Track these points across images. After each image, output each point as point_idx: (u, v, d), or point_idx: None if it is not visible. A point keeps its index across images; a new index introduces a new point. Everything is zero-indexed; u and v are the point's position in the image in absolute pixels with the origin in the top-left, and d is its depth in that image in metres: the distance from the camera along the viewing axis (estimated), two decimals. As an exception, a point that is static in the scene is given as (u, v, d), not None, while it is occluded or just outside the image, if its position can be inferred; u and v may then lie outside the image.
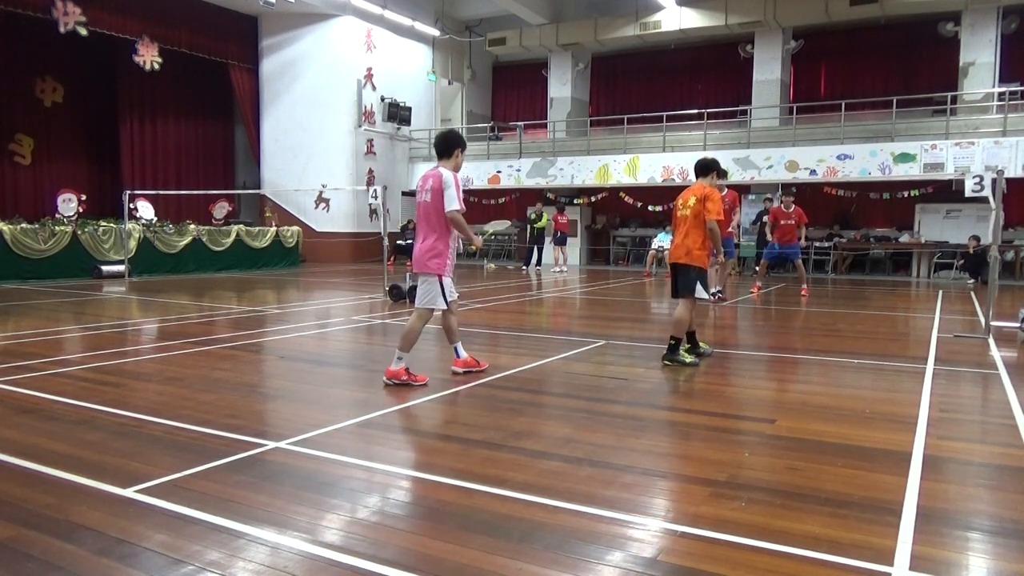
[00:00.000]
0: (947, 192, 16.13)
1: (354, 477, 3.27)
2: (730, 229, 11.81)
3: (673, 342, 5.89)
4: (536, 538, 2.59)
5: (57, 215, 14.76)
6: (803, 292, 11.89)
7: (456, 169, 5.19)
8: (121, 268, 14.00)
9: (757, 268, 16.75)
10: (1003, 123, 15.22)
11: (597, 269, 19.29)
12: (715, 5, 18.41)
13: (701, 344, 6.30)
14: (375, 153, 20.49)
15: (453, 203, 4.98)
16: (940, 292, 13.08)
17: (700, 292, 5.91)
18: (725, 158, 17.53)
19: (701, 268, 5.91)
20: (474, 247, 5.95)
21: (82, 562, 2.40)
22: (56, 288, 11.92)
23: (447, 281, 5.14)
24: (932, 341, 7.21)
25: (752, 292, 12.07)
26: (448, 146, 5.23)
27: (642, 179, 18.58)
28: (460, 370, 5.40)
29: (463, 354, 5.46)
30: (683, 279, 5.95)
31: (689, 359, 5.86)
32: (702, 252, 5.90)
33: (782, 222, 11.85)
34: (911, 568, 2.38)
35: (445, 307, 5.16)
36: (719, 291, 11.34)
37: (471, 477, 3.20)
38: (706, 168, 6.14)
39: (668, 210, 18.60)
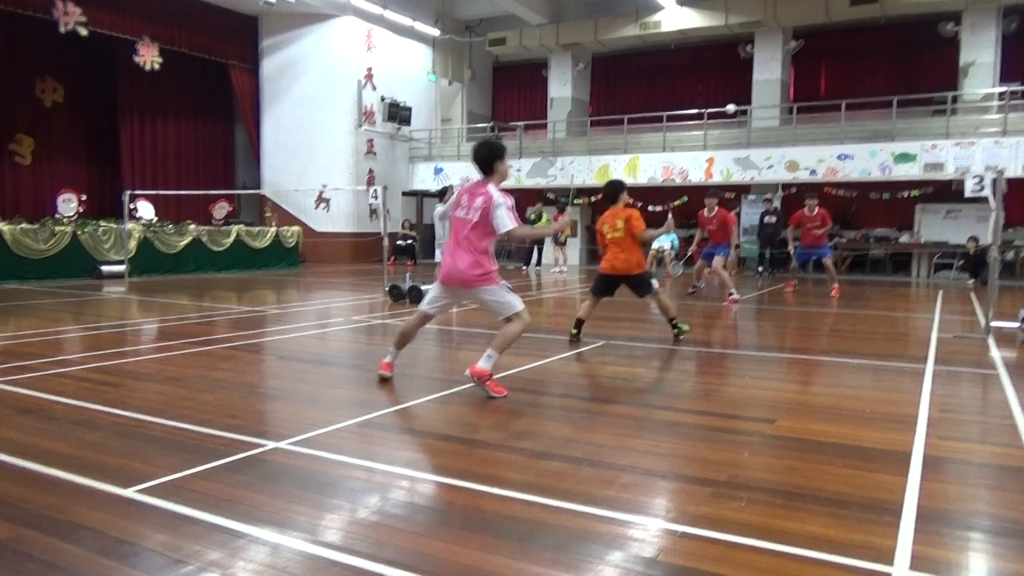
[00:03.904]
0: (947, 192, 16.14)
1: (354, 477, 3.27)
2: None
3: (672, 319, 7.10)
4: (536, 538, 2.59)
5: (57, 215, 14.76)
6: (833, 291, 11.79)
7: (503, 180, 4.87)
8: (121, 268, 13.99)
9: (760, 269, 16.77)
10: (1003, 123, 15.22)
11: (597, 269, 19.26)
12: (715, 5, 18.41)
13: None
14: (375, 153, 20.49)
15: (507, 224, 4.68)
16: (940, 292, 13.08)
17: (655, 284, 7.00)
18: (725, 158, 17.56)
19: (645, 271, 7.06)
20: (564, 234, 6.00)
21: (82, 562, 2.40)
22: (56, 288, 11.92)
23: (504, 285, 4.86)
24: (932, 341, 7.20)
25: (787, 290, 12.40)
26: (490, 160, 4.82)
27: (642, 179, 18.58)
28: (471, 377, 4.75)
29: (488, 365, 4.73)
30: (639, 285, 6.99)
31: (686, 327, 7.13)
32: (644, 260, 7.13)
33: (807, 226, 11.82)
34: (911, 568, 2.38)
35: (520, 308, 4.82)
36: (697, 286, 12.17)
37: (471, 477, 3.20)
38: (617, 193, 7.07)
39: (668, 210, 18.61)
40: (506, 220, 4.69)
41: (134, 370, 5.58)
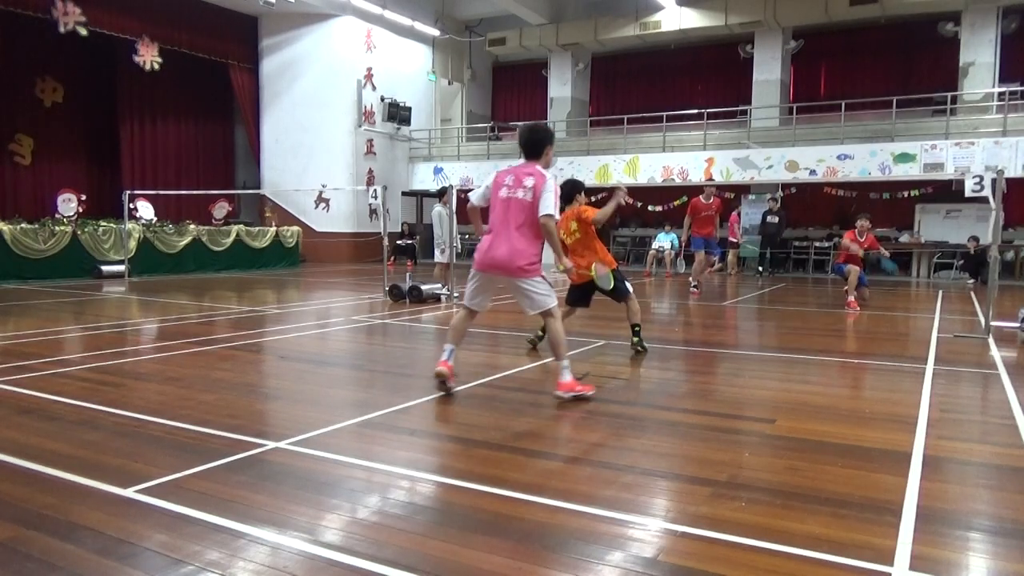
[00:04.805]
0: (947, 192, 16.13)
1: (354, 477, 3.27)
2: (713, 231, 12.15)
3: (639, 327, 6.37)
4: (536, 538, 2.59)
5: (57, 215, 14.75)
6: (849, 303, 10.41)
7: (547, 167, 4.65)
8: (121, 268, 13.98)
9: (760, 268, 16.77)
10: (1003, 123, 15.22)
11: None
12: (715, 5, 18.41)
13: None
14: (375, 153, 20.49)
15: (550, 207, 4.41)
16: (940, 292, 13.08)
17: (629, 288, 6.37)
18: (725, 158, 17.55)
19: (614, 268, 6.34)
20: (562, 267, 5.21)
21: (82, 562, 2.40)
22: (56, 288, 11.92)
23: (544, 277, 4.63)
24: (932, 341, 7.20)
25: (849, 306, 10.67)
26: (538, 145, 4.64)
27: (642, 179, 18.58)
28: (563, 395, 4.49)
29: (569, 376, 4.54)
30: (615, 290, 6.29)
31: (645, 346, 6.36)
32: (607, 257, 6.37)
33: (855, 251, 10.65)
34: (911, 568, 2.38)
35: (553, 305, 4.60)
36: (695, 284, 11.97)
37: (471, 477, 3.20)
38: (572, 194, 6.30)
39: (668, 210, 18.68)
40: (551, 204, 4.41)
41: (134, 370, 5.58)
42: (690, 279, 12.23)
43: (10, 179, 16.96)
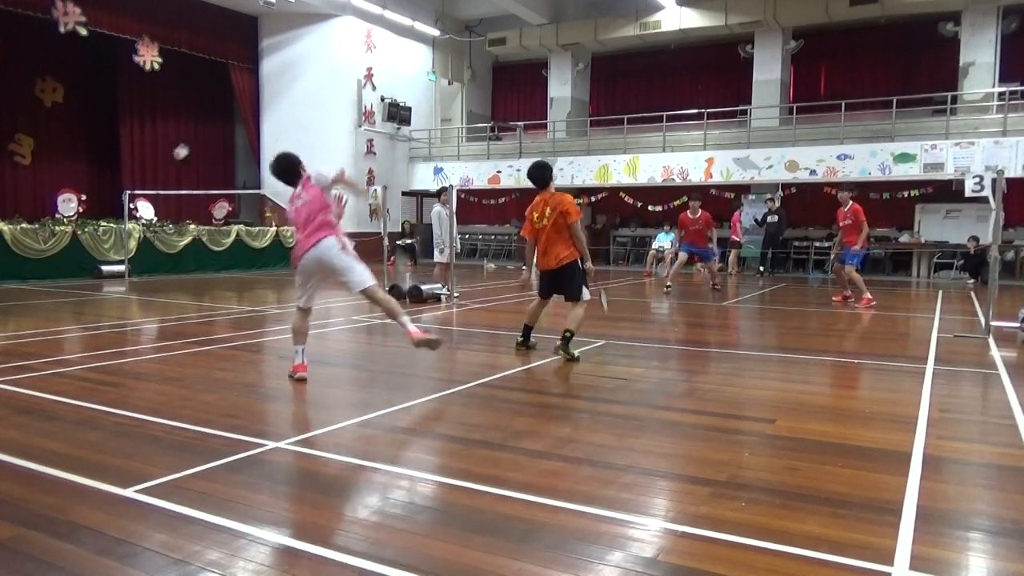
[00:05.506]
0: (947, 192, 16.12)
1: (354, 477, 3.27)
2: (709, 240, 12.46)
3: (569, 335, 6.05)
4: (536, 538, 2.59)
5: (57, 215, 14.74)
6: (861, 302, 10.34)
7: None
8: (121, 268, 13.99)
9: (760, 269, 16.78)
10: (1003, 123, 15.22)
11: (597, 269, 19.21)
12: (715, 5, 18.40)
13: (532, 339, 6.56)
14: (375, 153, 20.48)
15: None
16: (940, 292, 13.08)
17: (585, 293, 6.23)
18: (725, 158, 17.55)
19: (575, 264, 6.18)
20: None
21: (82, 562, 2.40)
22: (56, 288, 11.92)
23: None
24: (932, 341, 7.20)
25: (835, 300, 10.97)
26: (290, 169, 5.73)
27: (642, 179, 18.58)
28: (418, 339, 5.20)
29: (413, 326, 5.27)
30: (570, 282, 6.20)
31: (577, 353, 6.01)
32: (571, 252, 6.15)
33: (841, 224, 10.68)
34: (911, 568, 2.38)
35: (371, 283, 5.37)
36: (668, 286, 12.14)
37: (471, 477, 3.20)
38: (547, 178, 6.22)
39: (668, 210, 18.67)
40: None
41: (134, 370, 5.58)
42: (666, 280, 12.36)
43: (10, 179, 16.96)
